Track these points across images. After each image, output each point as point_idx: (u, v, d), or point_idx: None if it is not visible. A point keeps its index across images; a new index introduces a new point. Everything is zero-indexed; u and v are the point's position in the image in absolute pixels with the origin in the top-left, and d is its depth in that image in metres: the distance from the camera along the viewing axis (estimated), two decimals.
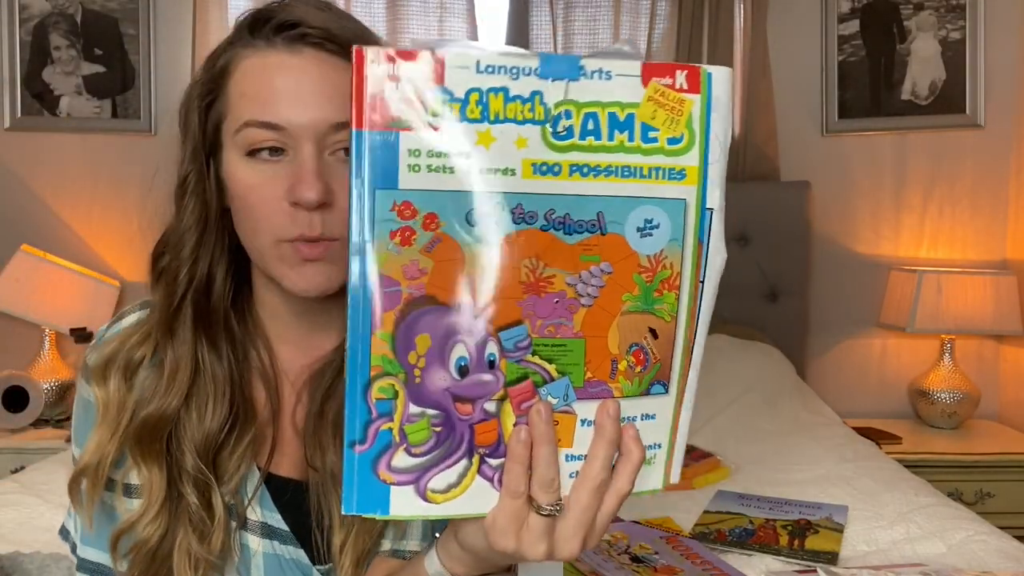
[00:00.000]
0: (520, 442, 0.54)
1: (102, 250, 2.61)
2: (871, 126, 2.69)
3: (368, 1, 2.62)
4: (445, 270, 0.54)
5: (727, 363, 2.24)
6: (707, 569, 1.30)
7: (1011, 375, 2.64)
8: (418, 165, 0.53)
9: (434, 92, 0.52)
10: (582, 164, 0.56)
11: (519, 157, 0.55)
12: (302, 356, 0.85)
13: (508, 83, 0.54)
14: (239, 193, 0.75)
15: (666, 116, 0.57)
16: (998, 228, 2.66)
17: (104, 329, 0.85)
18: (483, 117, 0.54)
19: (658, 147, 0.57)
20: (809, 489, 1.70)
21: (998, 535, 1.43)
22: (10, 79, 2.57)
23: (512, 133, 0.54)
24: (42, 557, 1.24)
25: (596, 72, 0.56)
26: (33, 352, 2.48)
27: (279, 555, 0.85)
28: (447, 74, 0.52)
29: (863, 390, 2.72)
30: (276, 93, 0.72)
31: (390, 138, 0.52)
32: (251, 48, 0.74)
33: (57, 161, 2.62)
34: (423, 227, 0.53)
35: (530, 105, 0.55)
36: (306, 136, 0.72)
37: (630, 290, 0.58)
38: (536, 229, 0.55)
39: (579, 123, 0.56)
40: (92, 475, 0.78)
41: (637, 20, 2.68)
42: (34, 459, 2.07)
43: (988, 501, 2.26)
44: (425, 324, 0.53)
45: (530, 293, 0.55)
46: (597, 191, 0.56)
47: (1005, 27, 2.60)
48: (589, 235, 0.56)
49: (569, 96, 0.55)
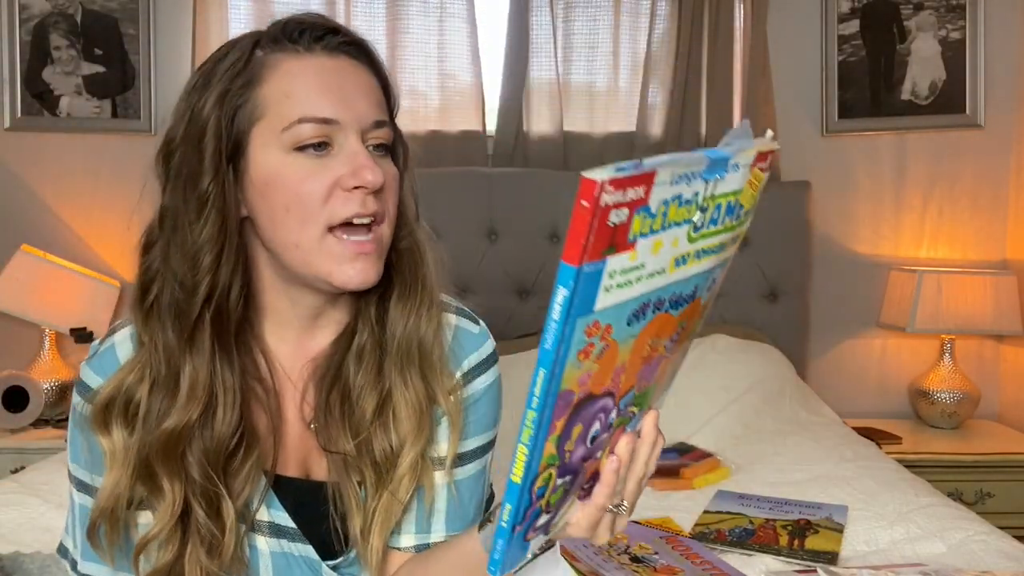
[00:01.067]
0: (612, 471, 0.66)
1: (102, 250, 2.61)
2: (871, 126, 2.69)
3: (368, 1, 2.62)
4: (605, 369, 0.57)
5: (727, 363, 2.24)
6: (707, 569, 1.30)
7: (1011, 375, 2.64)
8: (611, 285, 0.52)
9: (640, 213, 0.52)
10: (701, 250, 0.59)
11: (670, 256, 0.56)
12: (302, 354, 0.87)
13: (683, 190, 0.54)
14: (287, 186, 0.77)
15: (751, 194, 0.62)
16: (998, 228, 2.66)
17: (97, 344, 0.85)
18: (661, 227, 0.54)
19: (739, 222, 0.63)
20: (809, 489, 1.70)
21: (998, 535, 1.43)
22: (10, 79, 2.57)
23: (672, 236, 0.55)
24: (43, 557, 1.24)
25: (734, 166, 0.58)
26: (33, 352, 2.48)
27: (287, 553, 0.86)
28: (651, 192, 0.52)
29: (863, 390, 2.72)
30: (327, 91, 0.78)
31: (599, 267, 0.51)
32: (290, 53, 0.79)
33: (57, 161, 2.62)
34: (600, 339, 0.55)
35: (690, 207, 0.56)
36: (352, 129, 0.78)
37: (688, 332, 0.66)
38: (662, 314, 0.59)
39: (710, 216, 0.58)
40: (110, 518, 0.78)
41: (637, 20, 2.67)
42: (34, 459, 2.07)
43: (988, 501, 2.26)
44: (581, 416, 0.59)
45: (644, 364, 0.61)
46: (700, 270, 0.61)
47: (1005, 27, 2.60)
48: (686, 306, 0.62)
49: (713, 191, 0.57)
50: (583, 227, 0.48)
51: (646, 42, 2.65)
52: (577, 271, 0.49)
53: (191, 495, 0.78)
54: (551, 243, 2.53)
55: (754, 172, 0.61)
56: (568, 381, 0.55)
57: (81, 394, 0.83)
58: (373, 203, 0.78)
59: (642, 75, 2.65)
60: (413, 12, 2.63)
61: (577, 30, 2.68)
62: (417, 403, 0.84)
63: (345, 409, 0.84)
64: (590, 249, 0.49)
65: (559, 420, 0.57)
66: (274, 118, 0.77)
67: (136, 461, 0.77)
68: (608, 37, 2.67)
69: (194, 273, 0.77)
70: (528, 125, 2.66)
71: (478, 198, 2.49)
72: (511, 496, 0.58)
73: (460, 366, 0.89)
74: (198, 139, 0.78)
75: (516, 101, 2.64)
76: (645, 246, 0.53)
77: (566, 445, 0.59)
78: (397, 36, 2.63)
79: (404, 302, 0.85)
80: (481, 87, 2.65)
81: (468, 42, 2.64)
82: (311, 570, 0.86)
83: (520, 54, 2.63)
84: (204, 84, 0.79)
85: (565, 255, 0.49)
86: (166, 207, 0.80)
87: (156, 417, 0.77)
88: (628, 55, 2.69)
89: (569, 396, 0.56)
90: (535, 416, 0.55)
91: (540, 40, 2.64)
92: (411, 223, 0.86)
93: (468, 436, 0.89)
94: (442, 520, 0.89)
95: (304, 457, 0.88)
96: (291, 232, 0.78)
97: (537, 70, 2.65)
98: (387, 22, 2.62)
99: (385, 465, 0.84)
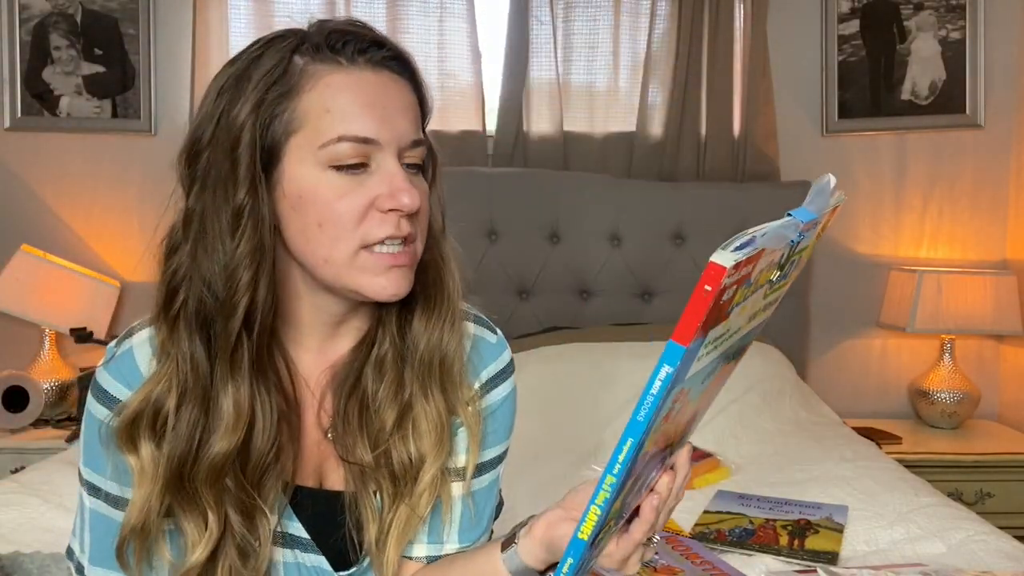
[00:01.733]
0: (654, 509, 0.69)
1: (102, 250, 2.61)
2: (871, 126, 2.69)
3: (368, 1, 2.62)
4: (668, 428, 0.59)
5: None
6: (707, 569, 1.30)
7: (1011, 375, 2.64)
8: (703, 355, 0.53)
9: (745, 286, 0.51)
10: (769, 303, 0.60)
11: (749, 314, 0.57)
12: (322, 362, 0.86)
13: (775, 255, 0.54)
14: (322, 203, 0.75)
15: (813, 243, 0.63)
16: (998, 228, 2.66)
17: (113, 347, 0.82)
18: (753, 292, 0.53)
19: (797, 266, 0.62)
20: (809, 489, 1.70)
21: (998, 535, 1.43)
22: (10, 79, 2.57)
23: (756, 298, 0.55)
24: (42, 557, 1.24)
25: (815, 223, 0.59)
26: (33, 352, 2.48)
27: (300, 563, 0.85)
28: (757, 265, 0.51)
29: (863, 390, 2.72)
30: (369, 109, 0.75)
31: (701, 342, 0.50)
32: (332, 64, 0.76)
33: (57, 161, 2.62)
34: (681, 403, 0.56)
35: (776, 268, 0.56)
36: (391, 149, 0.76)
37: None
38: (725, 365, 0.61)
39: (785, 271, 0.58)
40: (140, 534, 0.76)
41: (637, 20, 2.67)
42: (34, 459, 2.07)
43: (988, 501, 2.26)
44: (647, 468, 0.62)
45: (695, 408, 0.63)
46: (765, 318, 0.62)
47: (1005, 27, 2.60)
48: (743, 355, 0.64)
49: (795, 251, 0.57)
50: (702, 310, 0.47)
51: (646, 42, 2.65)
52: (683, 351, 0.49)
53: (229, 508, 0.77)
54: (551, 243, 2.53)
55: (822, 224, 0.62)
56: (648, 445, 0.56)
57: (101, 401, 0.80)
58: (407, 225, 0.77)
59: (642, 75, 2.65)
60: (413, 12, 2.63)
61: (577, 30, 2.68)
62: (438, 417, 0.83)
63: (364, 419, 0.84)
64: (699, 330, 0.49)
65: (630, 480, 0.58)
66: (312, 132, 0.75)
67: (167, 476, 0.75)
68: (608, 37, 2.67)
69: (232, 293, 0.74)
70: (528, 125, 2.66)
71: (478, 198, 2.49)
72: (575, 552, 0.60)
73: (479, 376, 0.89)
74: (231, 147, 0.74)
75: (516, 101, 2.64)
76: (737, 313, 0.53)
77: (629, 498, 0.61)
78: (397, 36, 2.62)
79: (428, 315, 0.84)
80: (481, 87, 2.65)
81: (468, 42, 2.64)
82: None
83: (520, 54, 2.63)
84: (237, 87, 0.76)
85: (677, 335, 0.48)
86: (192, 210, 0.76)
87: (188, 435, 0.75)
88: (628, 55, 2.69)
89: (645, 457, 0.57)
90: (614, 482, 0.55)
91: (540, 40, 2.64)
92: (437, 235, 0.86)
93: (485, 447, 0.89)
94: (456, 531, 0.89)
95: (319, 465, 0.87)
96: (322, 247, 0.76)
97: (537, 70, 2.65)
98: (387, 22, 2.62)
99: (403, 476, 0.83)
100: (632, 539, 0.70)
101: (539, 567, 0.77)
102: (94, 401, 0.81)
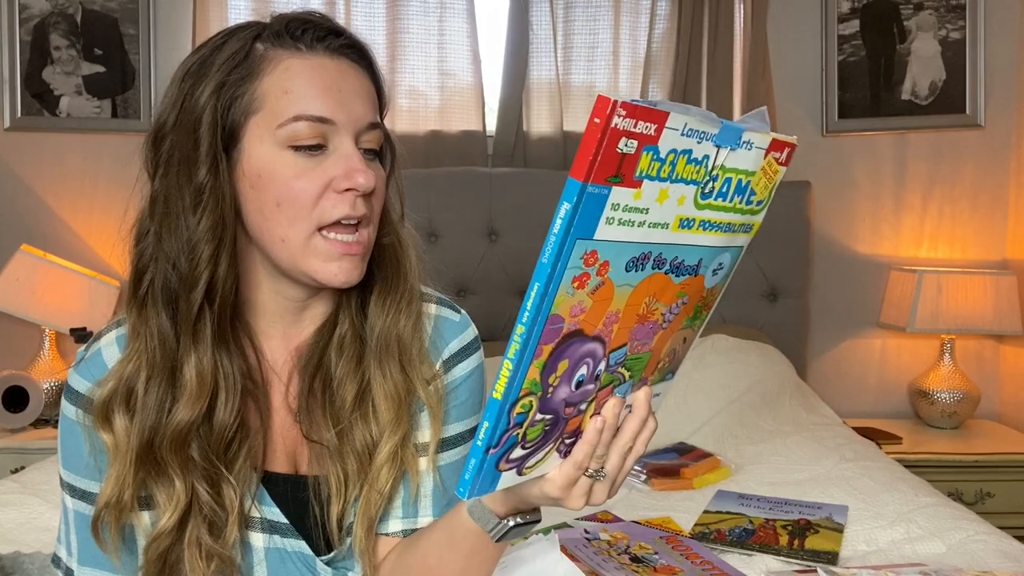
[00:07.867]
0: (596, 430, 0.67)
1: (102, 250, 2.61)
2: (871, 126, 2.69)
3: (369, 1, 2.62)
4: (598, 309, 0.59)
5: (727, 363, 2.24)
6: (707, 569, 1.30)
7: (1011, 375, 2.64)
8: (613, 218, 0.55)
9: (649, 151, 0.54)
10: (707, 220, 0.62)
11: (675, 213, 0.59)
12: (286, 345, 0.88)
13: (694, 146, 0.57)
14: (280, 182, 0.77)
15: (764, 183, 0.65)
16: (998, 228, 2.66)
17: (83, 351, 0.85)
18: (669, 176, 0.56)
19: (750, 208, 0.66)
20: (809, 489, 1.70)
21: (998, 535, 1.43)
22: (10, 79, 2.57)
23: (679, 192, 0.58)
24: (42, 557, 1.24)
25: (747, 143, 0.61)
26: (33, 352, 2.49)
27: (281, 549, 0.86)
28: (662, 135, 0.54)
29: (863, 390, 2.72)
30: (326, 91, 0.78)
31: (604, 192, 0.53)
32: (292, 50, 0.79)
33: (57, 161, 2.62)
34: (596, 273, 0.56)
35: (699, 168, 0.58)
36: (347, 132, 0.79)
37: (689, 314, 0.68)
38: (661, 274, 0.62)
39: (720, 186, 0.61)
40: (115, 508, 0.78)
41: (637, 20, 2.68)
42: (34, 459, 2.07)
43: (988, 501, 2.26)
44: (568, 352, 0.60)
45: (638, 323, 0.63)
46: (705, 242, 0.63)
47: (1005, 27, 2.60)
48: (689, 277, 0.64)
49: (723, 162, 0.60)
50: (592, 144, 0.50)
51: (646, 42, 2.65)
52: (582, 187, 0.51)
53: (195, 479, 0.79)
54: None
55: (768, 160, 0.63)
56: (560, 306, 0.56)
57: (72, 401, 0.82)
58: (362, 206, 0.79)
59: (642, 75, 2.65)
60: (413, 12, 2.63)
61: (577, 30, 2.68)
62: (395, 394, 0.85)
63: (326, 397, 0.86)
64: (596, 170, 0.51)
65: (546, 345, 0.57)
66: (271, 113, 0.77)
67: (138, 449, 0.77)
68: (608, 37, 2.67)
69: (193, 266, 0.77)
70: (528, 125, 2.66)
71: (478, 198, 2.49)
72: (490, 413, 0.59)
73: (441, 354, 0.90)
74: (193, 128, 0.77)
75: (516, 101, 2.64)
76: (651, 190, 0.55)
77: (550, 377, 0.60)
78: (397, 36, 2.62)
79: (384, 297, 0.87)
80: (481, 87, 2.65)
81: (468, 42, 2.64)
82: (306, 566, 0.87)
83: (520, 54, 2.63)
84: (199, 72, 0.79)
85: (572, 171, 0.51)
86: (157, 192, 0.80)
87: (157, 407, 0.78)
88: (628, 55, 2.69)
89: (559, 322, 0.57)
90: (523, 332, 0.56)
91: (540, 40, 2.64)
92: (395, 222, 0.88)
93: (450, 421, 0.91)
94: (429, 505, 0.90)
95: (292, 451, 0.89)
96: (279, 226, 0.78)
97: (537, 70, 2.65)
98: (387, 22, 2.62)
99: (366, 455, 0.85)
100: (573, 460, 0.67)
101: (500, 510, 0.76)
102: (66, 402, 0.83)
